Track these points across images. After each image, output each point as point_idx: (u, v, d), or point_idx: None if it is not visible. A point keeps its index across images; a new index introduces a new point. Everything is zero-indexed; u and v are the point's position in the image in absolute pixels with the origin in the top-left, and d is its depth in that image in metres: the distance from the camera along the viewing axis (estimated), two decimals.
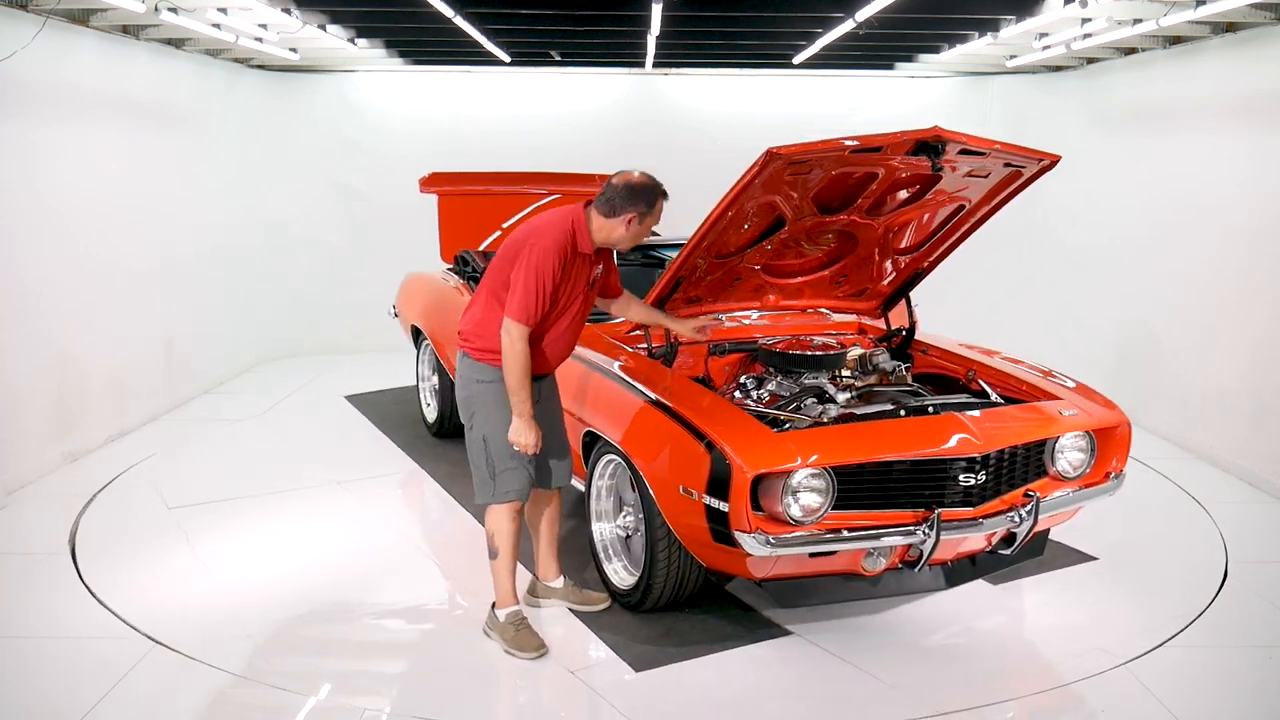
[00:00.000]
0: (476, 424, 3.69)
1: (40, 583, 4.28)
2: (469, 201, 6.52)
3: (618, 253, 3.92)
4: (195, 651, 3.70)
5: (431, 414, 6.54)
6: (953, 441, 3.55)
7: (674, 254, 5.33)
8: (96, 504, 5.23)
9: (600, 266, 3.75)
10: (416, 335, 6.54)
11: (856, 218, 4.14)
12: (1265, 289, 5.68)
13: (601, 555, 4.19)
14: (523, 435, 3.57)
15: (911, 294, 4.73)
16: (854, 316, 5.02)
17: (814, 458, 3.37)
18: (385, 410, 7.09)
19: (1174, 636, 3.93)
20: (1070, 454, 3.90)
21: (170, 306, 7.16)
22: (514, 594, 3.82)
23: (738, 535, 3.30)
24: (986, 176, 4.01)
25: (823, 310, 4.93)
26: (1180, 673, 3.69)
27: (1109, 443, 3.99)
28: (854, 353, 4.35)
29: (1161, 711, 3.42)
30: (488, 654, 3.78)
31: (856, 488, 3.49)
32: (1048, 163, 3.92)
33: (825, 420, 3.74)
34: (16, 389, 5.40)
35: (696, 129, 8.83)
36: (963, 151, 3.70)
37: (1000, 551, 3.84)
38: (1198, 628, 4.01)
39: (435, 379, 6.44)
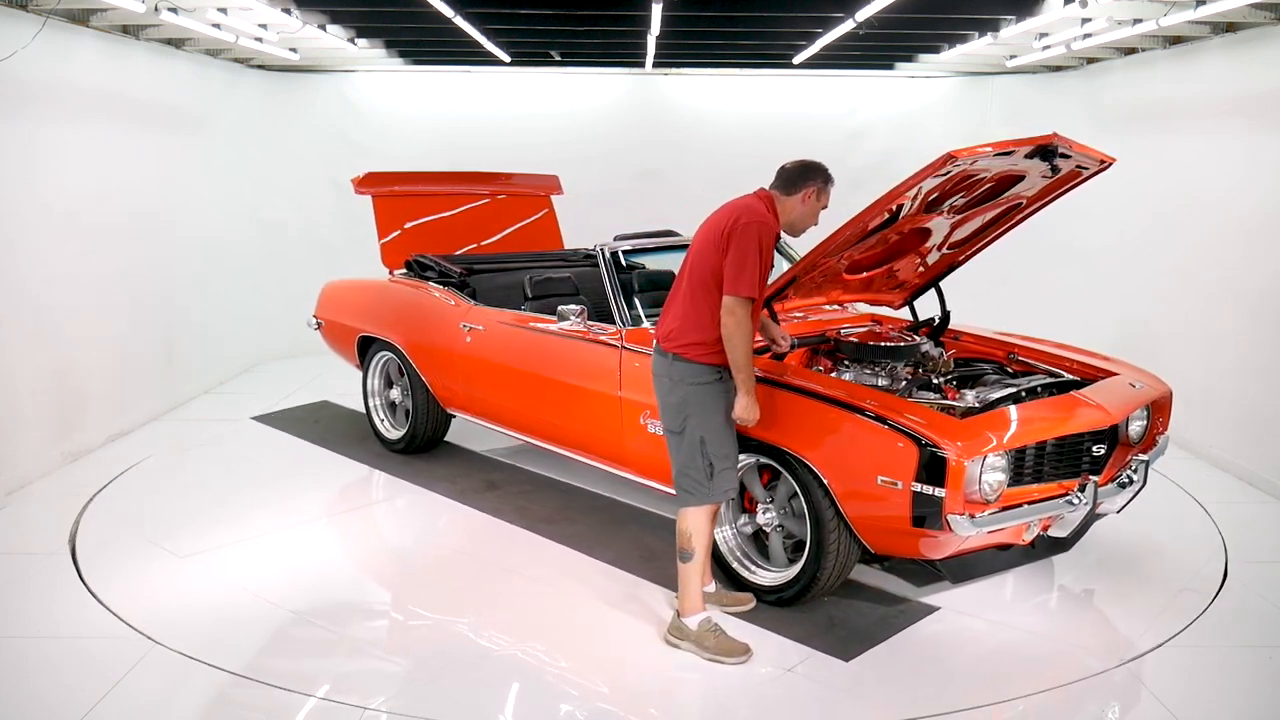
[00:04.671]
0: (691, 426, 3.66)
1: (40, 583, 4.29)
2: (408, 202, 6.38)
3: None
4: (195, 651, 3.70)
5: (392, 431, 6.12)
6: (1094, 416, 3.95)
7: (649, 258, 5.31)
8: (96, 504, 5.23)
9: None
10: (364, 347, 6.20)
11: (942, 215, 4.27)
12: (1266, 289, 5.68)
13: (730, 558, 4.22)
14: (751, 411, 3.60)
15: (937, 286, 4.91)
16: (871, 308, 5.16)
17: (1006, 441, 3.66)
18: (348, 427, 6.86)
19: (1174, 636, 3.93)
20: (1137, 423, 4.23)
21: (170, 306, 7.16)
22: (703, 600, 3.81)
23: (952, 518, 3.50)
24: (1052, 176, 4.15)
25: (840, 303, 5.08)
26: (1180, 673, 3.69)
27: (1155, 409, 4.36)
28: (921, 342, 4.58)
29: (1161, 711, 3.43)
30: (489, 653, 3.78)
31: (1019, 465, 3.79)
32: (1107, 164, 4.12)
33: (979, 407, 3.96)
34: (16, 389, 5.40)
35: (696, 129, 8.83)
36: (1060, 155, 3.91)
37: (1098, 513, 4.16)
38: (1198, 628, 4.01)
39: (393, 392, 6.10)
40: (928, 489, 3.51)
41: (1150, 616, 4.10)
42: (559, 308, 4.78)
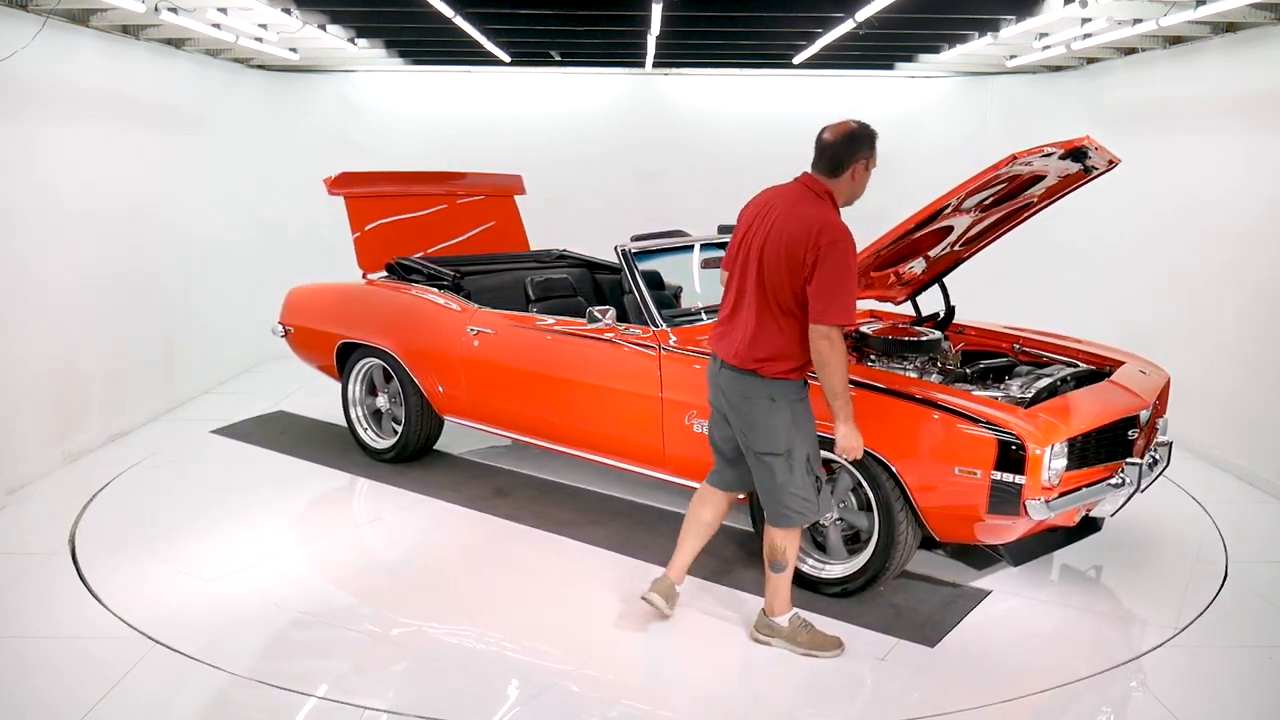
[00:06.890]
0: (798, 444, 3.54)
1: (40, 583, 4.29)
2: (379, 203, 6.27)
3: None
4: (195, 651, 3.70)
5: (378, 440, 5.94)
6: (1133, 402, 4.16)
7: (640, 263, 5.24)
8: (96, 504, 5.23)
9: None
10: (344, 354, 6.00)
11: (969, 213, 4.32)
12: (1265, 289, 5.68)
13: None
14: (854, 439, 3.48)
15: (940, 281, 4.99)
16: (878, 304, 5.21)
17: (1074, 428, 3.81)
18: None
19: (1174, 636, 3.94)
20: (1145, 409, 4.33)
21: (170, 306, 7.15)
22: (791, 599, 3.81)
23: (1030, 504, 3.64)
24: (1065, 175, 4.22)
25: None
26: (1180, 673, 3.70)
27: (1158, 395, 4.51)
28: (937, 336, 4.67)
29: (1161, 711, 3.43)
30: (489, 653, 3.78)
31: (1071, 451, 3.88)
32: (1114, 164, 4.17)
33: (1028, 397, 4.07)
34: (16, 389, 5.39)
35: (696, 129, 8.82)
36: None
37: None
38: (1198, 628, 4.02)
39: (380, 400, 5.91)
40: (1007, 477, 3.64)
41: (1150, 617, 4.10)
42: (589, 310, 4.72)
